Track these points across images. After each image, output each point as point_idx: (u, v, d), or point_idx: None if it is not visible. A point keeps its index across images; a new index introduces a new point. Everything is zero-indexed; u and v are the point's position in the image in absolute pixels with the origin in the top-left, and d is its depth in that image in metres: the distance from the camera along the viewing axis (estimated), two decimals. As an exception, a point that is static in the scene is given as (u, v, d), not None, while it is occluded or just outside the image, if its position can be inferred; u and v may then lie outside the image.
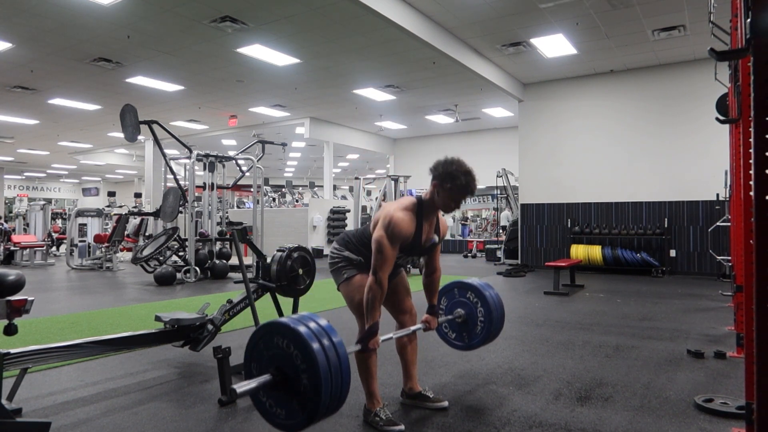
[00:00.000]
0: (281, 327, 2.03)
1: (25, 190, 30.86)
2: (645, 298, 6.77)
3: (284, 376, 2.00)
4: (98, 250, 11.21)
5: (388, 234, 2.40)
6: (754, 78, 1.22)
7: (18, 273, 2.50)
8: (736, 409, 2.70)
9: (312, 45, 8.48)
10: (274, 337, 2.04)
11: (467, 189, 2.45)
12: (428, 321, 2.74)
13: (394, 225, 2.41)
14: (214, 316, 3.50)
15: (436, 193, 2.50)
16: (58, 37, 7.98)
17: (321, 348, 1.96)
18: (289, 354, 1.99)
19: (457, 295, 3.18)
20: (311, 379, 1.93)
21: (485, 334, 3.08)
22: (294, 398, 1.98)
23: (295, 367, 1.97)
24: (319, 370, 1.91)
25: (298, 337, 1.97)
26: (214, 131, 15.92)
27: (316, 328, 2.02)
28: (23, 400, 2.85)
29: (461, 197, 2.48)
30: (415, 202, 2.53)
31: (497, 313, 3.07)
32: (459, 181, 2.42)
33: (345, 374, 2.00)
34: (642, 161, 9.86)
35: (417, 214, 2.51)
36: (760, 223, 1.22)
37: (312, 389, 1.93)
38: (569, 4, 7.02)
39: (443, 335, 3.26)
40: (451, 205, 2.50)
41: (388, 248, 2.39)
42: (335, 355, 1.98)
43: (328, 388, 1.93)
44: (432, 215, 2.60)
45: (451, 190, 2.44)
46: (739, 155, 2.51)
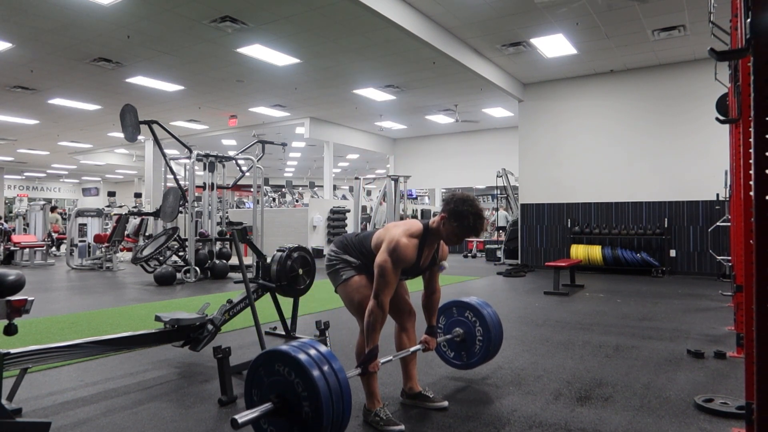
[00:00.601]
0: (282, 355, 2.05)
1: (25, 190, 30.86)
2: (645, 298, 6.77)
3: (286, 404, 2.02)
4: (98, 250, 11.22)
5: (393, 259, 2.44)
6: (754, 78, 1.22)
7: (18, 273, 2.50)
8: (736, 409, 2.70)
9: (312, 45, 8.48)
10: (275, 365, 2.06)
11: (473, 231, 2.50)
12: (427, 341, 2.78)
13: (399, 252, 2.44)
14: (214, 316, 3.50)
15: (442, 225, 2.54)
16: (58, 37, 7.98)
17: (322, 376, 1.97)
18: (291, 382, 2.01)
19: (455, 314, 3.23)
20: (313, 407, 1.95)
21: (484, 353, 3.14)
22: (295, 425, 2.00)
23: (297, 395, 1.99)
24: (321, 397, 1.92)
25: (299, 365, 1.99)
26: (214, 131, 15.93)
27: (316, 356, 2.04)
28: (23, 400, 2.85)
29: (466, 236, 2.54)
30: (421, 230, 2.57)
31: (495, 332, 3.13)
32: (467, 221, 2.46)
33: (346, 400, 2.02)
34: (642, 161, 9.85)
35: (420, 241, 2.55)
36: (760, 223, 1.22)
37: (314, 417, 1.95)
38: (569, 4, 7.02)
39: (442, 354, 3.32)
40: (454, 240, 2.55)
41: (391, 273, 2.44)
42: (336, 381, 2.00)
43: (330, 414, 1.94)
44: (434, 243, 2.64)
45: (457, 228, 2.49)
46: (739, 155, 2.51)
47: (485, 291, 7.69)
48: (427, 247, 2.61)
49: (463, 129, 15.75)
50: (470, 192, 19.11)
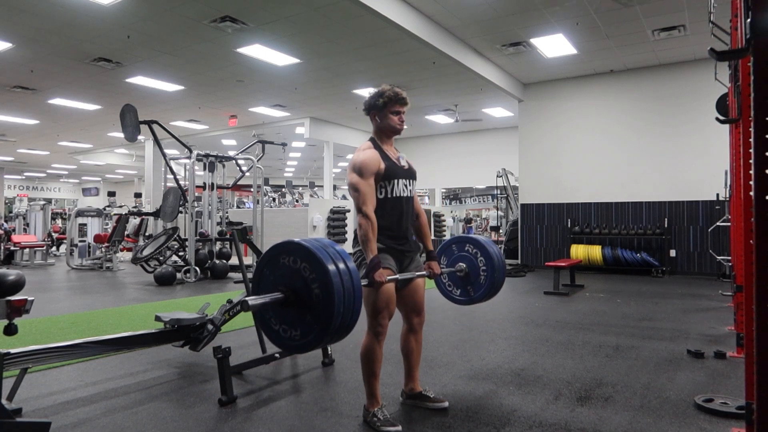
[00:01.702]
0: (285, 246, 2.02)
1: (25, 190, 30.86)
2: (645, 298, 6.77)
3: (294, 292, 1.97)
4: (98, 250, 11.22)
5: (357, 172, 2.51)
6: (754, 78, 1.22)
7: (18, 273, 2.50)
8: (736, 409, 2.70)
9: (312, 45, 8.47)
10: (280, 258, 2.02)
11: (396, 96, 2.62)
12: (431, 266, 2.77)
13: (360, 163, 2.53)
14: (214, 316, 3.50)
15: (378, 120, 2.65)
16: (58, 37, 7.98)
17: (327, 255, 1.94)
18: (297, 269, 1.97)
19: (455, 250, 3.16)
20: (322, 287, 1.91)
21: (489, 283, 3.03)
22: (307, 312, 1.95)
23: (304, 280, 1.95)
24: (329, 274, 1.89)
25: (303, 250, 1.96)
26: (214, 131, 15.92)
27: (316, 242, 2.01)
28: (23, 400, 2.85)
29: (396, 106, 2.63)
30: (369, 141, 2.68)
31: (499, 262, 3.04)
32: (387, 93, 2.62)
33: (355, 279, 1.97)
34: (642, 161, 9.86)
35: (376, 148, 2.63)
36: (760, 223, 1.22)
37: (324, 296, 1.90)
38: (569, 4, 7.02)
39: (447, 293, 3.22)
40: (394, 120, 2.64)
41: (362, 182, 2.50)
42: (344, 264, 1.96)
43: (341, 292, 1.90)
44: (387, 143, 2.70)
45: (384, 104, 2.62)
46: (739, 155, 2.51)
47: (485, 291, 7.68)
48: (386, 149, 2.66)
49: (463, 129, 15.74)
50: (470, 191, 19.07)
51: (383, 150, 2.64)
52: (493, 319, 5.25)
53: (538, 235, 10.95)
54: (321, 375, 3.46)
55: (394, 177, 2.61)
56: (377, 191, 2.57)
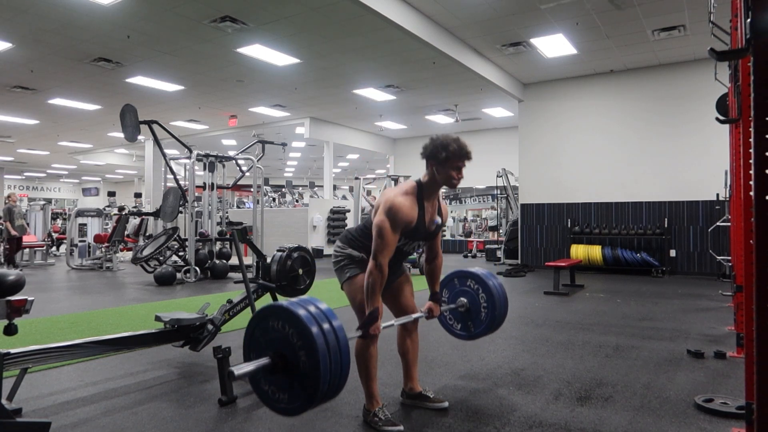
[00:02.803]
0: (274, 309, 2.02)
1: (25, 190, 30.86)
2: (645, 298, 6.77)
3: (282, 357, 1.97)
4: (98, 250, 11.22)
5: (390, 218, 2.38)
6: (754, 78, 1.22)
7: (18, 273, 2.50)
8: (736, 409, 2.70)
9: (312, 45, 8.48)
10: (269, 321, 2.02)
11: (462, 152, 2.46)
12: (431, 308, 2.74)
13: (395, 210, 2.39)
14: (214, 316, 3.50)
15: (434, 171, 2.50)
16: (58, 37, 7.98)
17: (316, 322, 1.94)
18: (285, 334, 1.97)
19: (457, 284, 3.15)
20: (309, 355, 1.91)
21: (489, 321, 3.03)
22: (294, 379, 1.96)
23: (292, 346, 1.95)
24: (316, 343, 1.88)
25: (291, 316, 1.96)
26: (214, 131, 15.93)
27: (310, 308, 2.00)
28: (23, 400, 2.85)
29: (459, 162, 2.47)
30: (414, 186, 2.53)
31: (500, 299, 3.02)
32: (452, 147, 2.44)
33: (343, 349, 1.97)
34: (642, 161, 9.86)
35: (418, 197, 2.50)
36: (760, 223, 1.22)
37: (311, 365, 1.90)
38: (569, 4, 7.02)
39: (448, 327, 3.22)
40: (452, 175, 2.48)
41: (389, 233, 2.38)
42: (331, 329, 1.96)
43: (327, 362, 1.90)
44: (433, 196, 2.58)
45: (447, 158, 2.45)
46: (739, 155, 2.51)
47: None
48: (427, 202, 2.54)
49: (463, 129, 15.74)
50: (470, 191, 19.08)
51: (424, 203, 2.51)
52: (493, 319, 5.25)
53: (538, 235, 10.95)
54: (321, 375, 3.45)
55: (414, 239, 2.57)
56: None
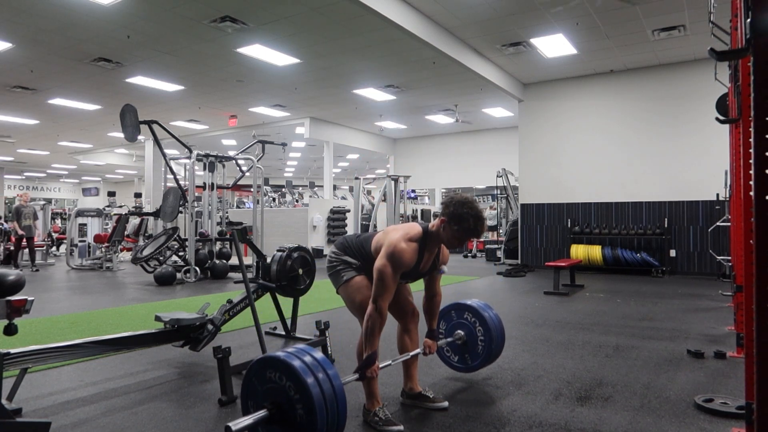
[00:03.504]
0: (272, 361, 2.06)
1: (25, 190, 30.84)
2: (645, 298, 6.77)
3: (280, 409, 2.01)
4: (98, 250, 11.22)
5: (392, 263, 2.42)
6: (754, 78, 1.22)
7: (18, 273, 2.50)
8: (736, 409, 2.70)
9: (312, 45, 8.48)
10: (267, 372, 2.06)
11: (474, 233, 2.49)
12: (429, 345, 2.77)
13: (398, 256, 2.43)
14: (214, 316, 3.50)
15: (442, 229, 2.52)
16: (58, 37, 7.98)
17: (313, 377, 1.97)
18: (282, 387, 2.01)
19: (454, 317, 3.23)
20: (306, 409, 1.94)
21: (486, 353, 3.12)
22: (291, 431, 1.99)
23: (290, 399, 1.98)
24: (313, 398, 1.92)
25: (289, 369, 1.99)
26: (214, 131, 15.93)
27: (308, 360, 2.04)
28: (23, 400, 2.85)
29: (467, 239, 2.52)
30: (420, 233, 2.54)
31: (497, 332, 3.11)
32: (467, 224, 2.45)
33: (340, 401, 2.01)
34: (642, 161, 9.85)
35: (420, 245, 2.53)
36: (760, 223, 1.22)
37: (307, 418, 1.94)
38: (570, 4, 7.02)
39: (445, 359, 3.30)
40: (455, 244, 2.53)
41: (390, 277, 2.42)
42: (329, 383, 1.99)
43: (324, 414, 1.93)
44: (434, 247, 2.62)
45: (458, 231, 2.47)
46: (739, 155, 2.51)
47: (485, 291, 7.69)
48: (428, 252, 2.59)
49: (463, 129, 15.75)
50: (470, 192, 19.08)
51: (424, 251, 2.57)
52: (493, 319, 5.25)
53: (538, 235, 10.95)
54: (321, 375, 3.46)
55: (405, 278, 2.64)
56: None
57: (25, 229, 10.65)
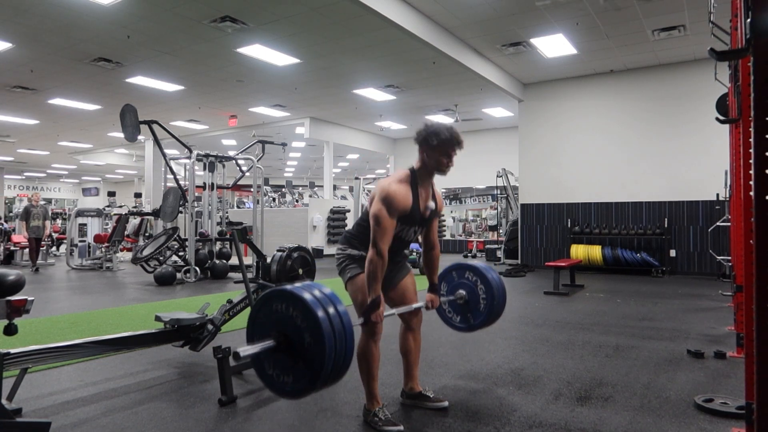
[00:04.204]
0: (278, 293, 2.04)
1: (25, 190, 30.84)
2: (645, 298, 6.77)
3: (287, 339, 1.99)
4: (98, 250, 11.22)
5: (386, 206, 2.43)
6: (754, 78, 1.22)
7: (18, 273, 2.50)
8: (736, 409, 2.70)
9: (312, 45, 8.47)
10: (273, 304, 2.04)
11: (453, 139, 2.52)
12: (431, 300, 2.76)
13: (391, 197, 2.44)
14: (214, 316, 3.50)
15: (425, 157, 2.55)
16: (58, 37, 7.98)
17: (318, 303, 1.96)
18: (289, 316, 1.99)
19: (455, 277, 3.16)
20: (313, 334, 1.92)
21: (488, 311, 3.04)
22: (299, 360, 1.97)
23: (296, 327, 1.97)
24: (320, 322, 1.90)
25: (294, 298, 1.98)
26: (214, 131, 15.92)
27: (314, 292, 2.03)
28: (23, 400, 2.85)
29: (450, 149, 2.54)
30: (408, 173, 2.57)
31: (498, 289, 3.04)
32: (443, 134, 2.49)
33: (347, 327, 1.98)
34: (642, 161, 9.86)
35: (412, 184, 2.55)
36: (760, 223, 1.22)
37: (315, 344, 1.91)
38: (569, 4, 7.02)
39: (447, 319, 3.23)
40: (443, 161, 2.54)
41: (387, 219, 2.42)
42: (334, 309, 1.98)
43: (332, 340, 1.91)
44: (427, 182, 2.62)
45: (438, 145, 2.50)
46: (739, 155, 2.51)
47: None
48: (422, 188, 2.58)
49: (463, 129, 15.70)
50: (470, 191, 19.08)
51: (418, 189, 2.55)
52: (493, 319, 5.25)
53: (538, 235, 10.95)
54: (321, 375, 3.45)
55: (411, 225, 2.58)
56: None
57: (33, 230, 10.51)
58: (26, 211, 10.61)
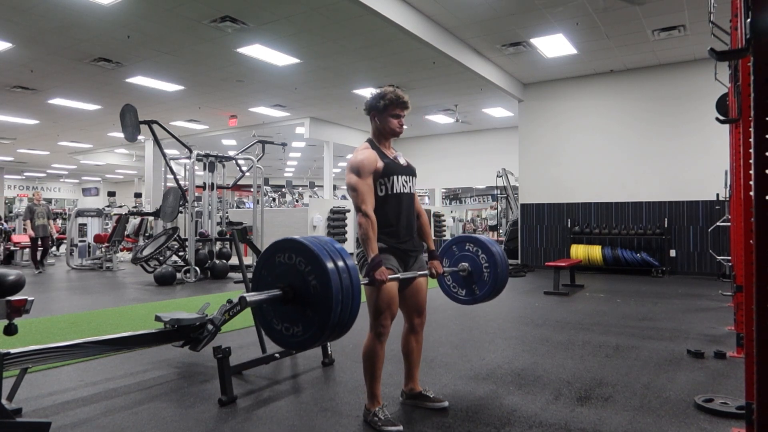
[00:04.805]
0: (278, 244, 2.05)
1: (25, 190, 30.84)
2: (645, 298, 6.77)
3: (292, 287, 1.99)
4: (98, 250, 11.21)
5: (355, 171, 2.52)
6: (754, 78, 1.22)
7: (18, 273, 2.50)
8: (736, 409, 2.70)
9: (312, 45, 8.47)
10: (275, 257, 2.04)
11: (399, 99, 2.61)
12: (434, 265, 2.78)
13: (357, 163, 2.54)
14: (214, 316, 3.49)
15: (378, 122, 2.65)
16: (58, 37, 7.98)
17: (322, 248, 1.96)
18: (293, 265, 1.99)
19: (456, 251, 3.17)
20: (318, 278, 1.92)
21: (493, 280, 3.04)
22: (306, 307, 1.96)
23: (301, 274, 1.96)
24: (324, 265, 1.90)
25: (296, 244, 1.98)
26: (214, 131, 15.92)
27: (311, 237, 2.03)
28: (23, 400, 2.85)
29: (397, 109, 2.62)
30: (366, 144, 2.68)
31: (501, 258, 3.04)
32: (389, 95, 2.59)
33: (353, 273, 1.98)
34: (642, 161, 9.85)
35: (373, 148, 2.64)
36: (760, 223, 1.22)
37: (321, 287, 1.91)
38: (569, 4, 7.02)
39: (451, 294, 3.23)
40: (393, 123, 2.63)
41: (360, 182, 2.51)
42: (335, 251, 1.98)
43: (337, 281, 1.90)
44: (385, 145, 2.70)
45: (385, 106, 2.60)
46: (739, 155, 2.51)
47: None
48: (384, 149, 2.66)
49: (463, 129, 15.74)
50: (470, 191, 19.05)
51: (381, 150, 2.65)
52: (493, 319, 5.25)
53: (538, 235, 10.95)
54: (321, 375, 3.46)
55: (394, 173, 2.61)
56: (377, 189, 2.57)
57: (39, 229, 10.39)
58: (30, 209, 10.48)
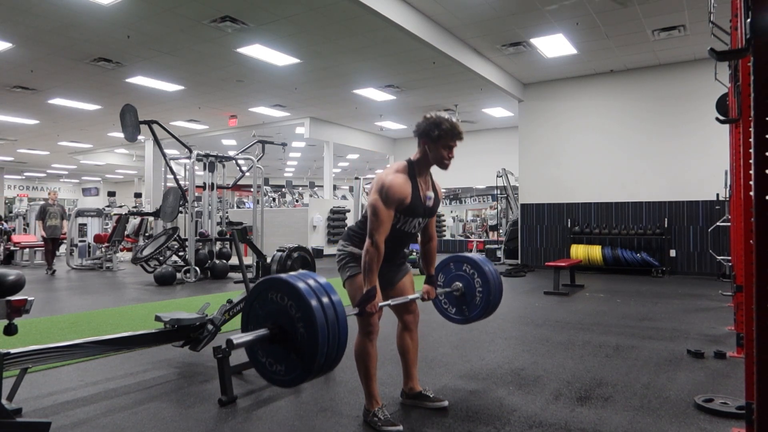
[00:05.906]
0: (273, 282, 2.04)
1: (25, 190, 30.85)
2: (645, 298, 6.77)
3: (281, 329, 1.99)
4: (98, 250, 11.21)
5: (383, 197, 2.41)
6: (754, 78, 1.22)
7: (18, 273, 2.50)
8: (736, 409, 2.70)
9: (312, 45, 8.47)
10: (268, 294, 2.04)
11: (454, 130, 2.51)
12: (427, 291, 2.76)
13: (387, 187, 2.42)
14: (214, 316, 3.50)
15: (426, 149, 2.54)
16: (58, 37, 7.98)
17: (315, 294, 1.96)
18: (284, 306, 1.99)
19: (453, 269, 3.18)
20: (307, 327, 1.92)
21: (484, 305, 3.06)
22: (291, 350, 1.97)
23: (291, 318, 1.96)
24: (314, 314, 1.90)
25: (290, 288, 1.98)
26: (214, 131, 15.92)
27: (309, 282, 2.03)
28: (23, 400, 2.85)
29: (451, 141, 2.52)
30: (406, 165, 2.56)
31: (495, 284, 3.05)
32: (444, 125, 2.48)
33: (341, 320, 1.98)
34: (642, 161, 9.86)
35: (410, 175, 2.53)
36: (760, 223, 1.22)
37: (309, 337, 1.91)
38: (569, 4, 7.02)
39: (443, 311, 3.24)
40: (443, 154, 2.52)
41: (383, 211, 2.40)
42: (330, 302, 1.98)
43: (325, 332, 1.91)
44: (425, 173, 2.61)
45: (439, 136, 2.48)
46: (739, 155, 2.51)
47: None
48: (420, 179, 2.57)
49: (463, 129, 15.73)
50: (470, 191, 19.07)
51: (417, 180, 2.53)
52: (493, 319, 5.24)
53: (538, 235, 10.95)
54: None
55: (413, 216, 2.55)
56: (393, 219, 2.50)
57: (50, 230, 10.22)
58: (43, 209, 10.26)
